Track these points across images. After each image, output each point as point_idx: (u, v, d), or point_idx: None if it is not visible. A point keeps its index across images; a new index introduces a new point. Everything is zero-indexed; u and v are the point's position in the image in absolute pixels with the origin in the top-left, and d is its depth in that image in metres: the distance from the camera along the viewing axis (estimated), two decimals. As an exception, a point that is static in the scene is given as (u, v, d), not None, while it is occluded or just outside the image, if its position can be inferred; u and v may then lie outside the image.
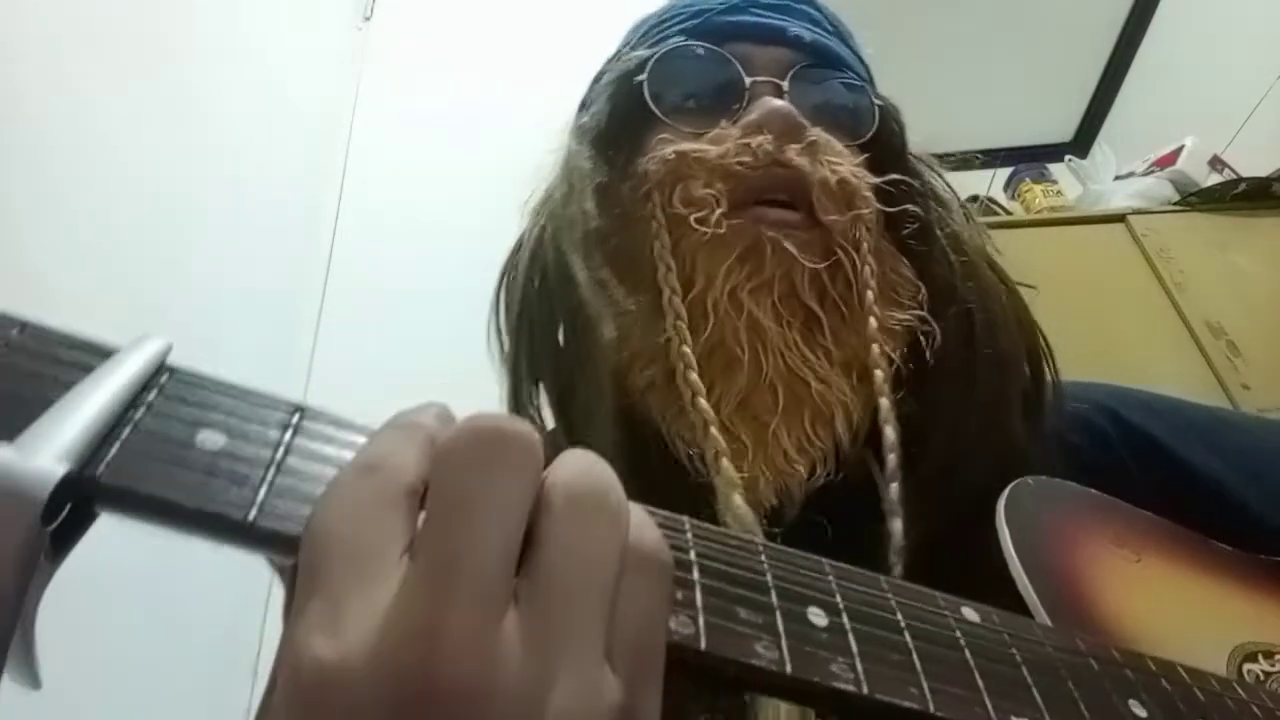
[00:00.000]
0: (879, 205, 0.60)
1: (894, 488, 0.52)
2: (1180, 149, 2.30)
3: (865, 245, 0.58)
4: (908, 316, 0.59)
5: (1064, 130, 3.12)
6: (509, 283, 0.67)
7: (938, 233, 0.62)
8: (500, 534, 0.24)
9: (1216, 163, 2.25)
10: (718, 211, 0.56)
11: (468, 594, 0.23)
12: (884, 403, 0.55)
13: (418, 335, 1.62)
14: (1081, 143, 3.08)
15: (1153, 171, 2.33)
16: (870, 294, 0.57)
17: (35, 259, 1.08)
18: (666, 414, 0.56)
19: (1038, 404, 0.61)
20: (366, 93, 1.99)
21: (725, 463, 0.51)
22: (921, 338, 0.58)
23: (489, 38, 2.05)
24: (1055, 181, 2.52)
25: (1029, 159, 2.63)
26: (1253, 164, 2.18)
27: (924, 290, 0.60)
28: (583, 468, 0.27)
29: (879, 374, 0.55)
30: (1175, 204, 2.20)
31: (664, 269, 0.57)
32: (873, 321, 0.56)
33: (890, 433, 0.54)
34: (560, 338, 0.60)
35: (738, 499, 0.50)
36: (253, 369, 1.42)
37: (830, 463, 0.56)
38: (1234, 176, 2.18)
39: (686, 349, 0.54)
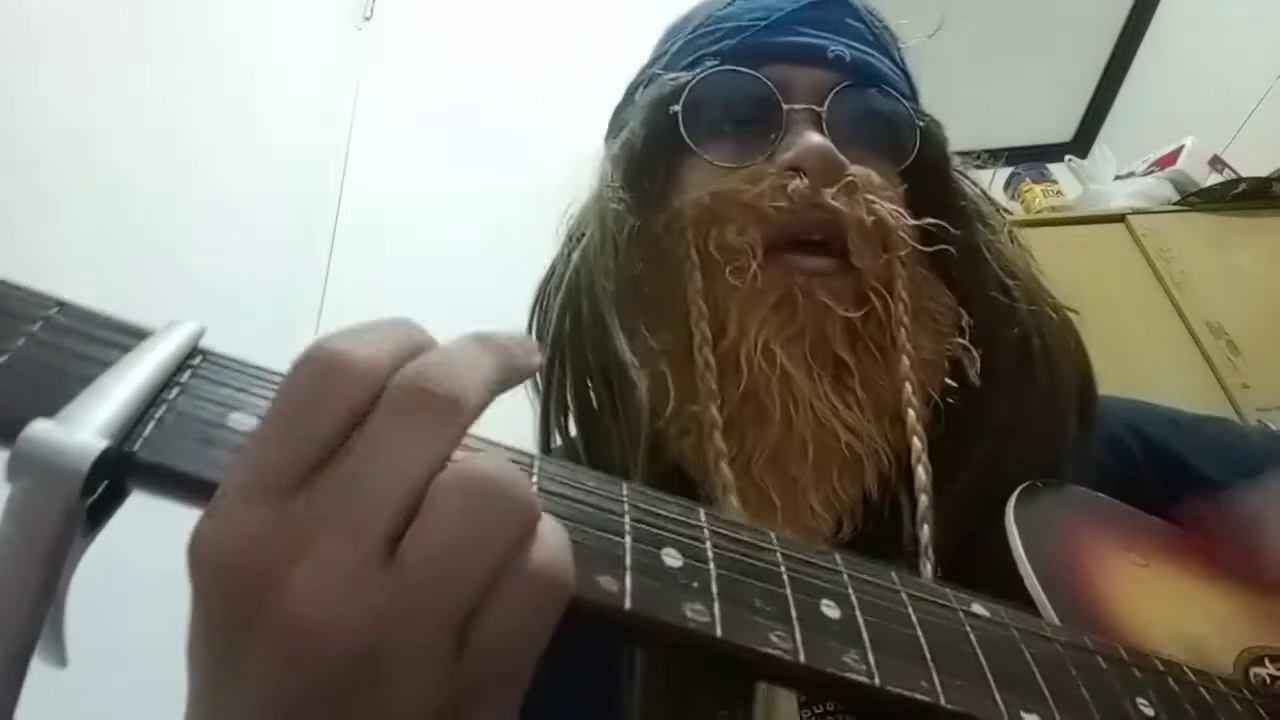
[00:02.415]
0: (915, 245, 0.59)
1: (926, 530, 0.52)
2: (1180, 149, 2.29)
3: (899, 284, 0.57)
4: (947, 345, 0.58)
5: (1064, 130, 3.11)
6: (541, 314, 0.67)
7: (986, 255, 0.61)
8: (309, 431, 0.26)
9: (1216, 163, 2.25)
10: (754, 264, 0.55)
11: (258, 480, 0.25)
12: (915, 443, 0.54)
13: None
14: (1081, 143, 3.07)
15: (1153, 171, 2.33)
16: (903, 332, 0.56)
17: (36, 257, 1.08)
18: (699, 467, 0.56)
19: (1083, 431, 0.60)
20: (366, 93, 1.99)
21: None
22: (966, 363, 0.58)
23: (489, 37, 2.05)
24: (1055, 181, 2.52)
25: (1029, 159, 2.62)
26: (1253, 164, 2.18)
27: (965, 316, 0.59)
28: (426, 373, 0.27)
29: (911, 414, 0.55)
30: (1175, 204, 2.20)
31: (696, 313, 0.57)
32: (905, 361, 0.56)
33: (921, 473, 0.53)
34: (591, 381, 0.59)
35: None
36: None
37: (858, 515, 0.55)
38: (1234, 176, 2.18)
39: (714, 407, 0.54)
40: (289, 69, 1.87)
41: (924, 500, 0.53)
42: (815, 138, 0.58)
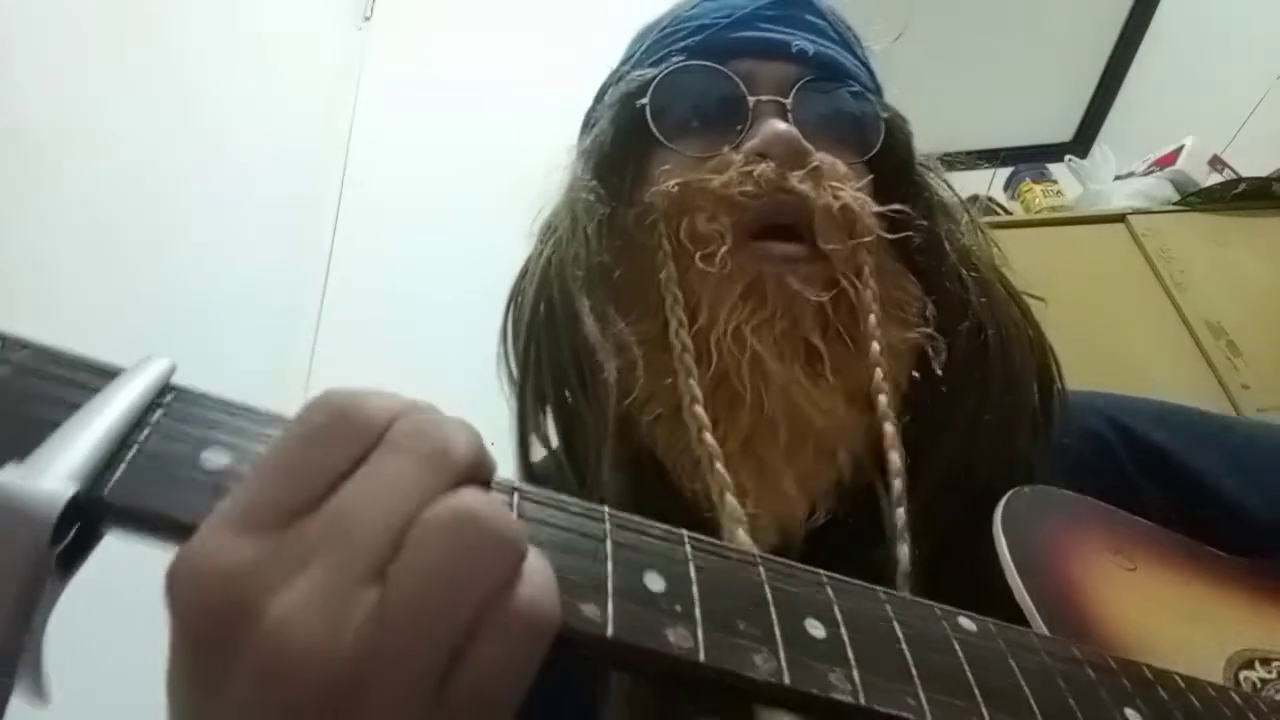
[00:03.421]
0: (881, 232, 0.60)
1: (900, 513, 0.52)
2: (1180, 149, 2.29)
3: (866, 270, 0.58)
4: (914, 335, 0.59)
5: (1064, 130, 3.11)
6: (516, 308, 0.67)
7: (947, 247, 0.61)
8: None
9: (1216, 163, 2.25)
10: (722, 249, 0.56)
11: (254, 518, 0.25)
12: (888, 428, 0.55)
13: (417, 336, 1.62)
14: (1081, 143, 3.07)
15: (1153, 171, 2.32)
16: (872, 319, 0.57)
17: (38, 256, 1.09)
18: (672, 448, 0.56)
19: (1045, 421, 0.60)
20: (366, 93, 1.99)
21: (730, 498, 0.51)
22: (930, 353, 0.58)
23: (489, 37, 2.05)
24: (1055, 181, 2.51)
25: (1029, 159, 2.62)
26: (1253, 164, 2.18)
27: (931, 306, 0.60)
28: (428, 422, 0.27)
29: (882, 399, 0.55)
30: (1175, 204, 2.19)
31: (671, 299, 0.57)
32: (875, 347, 0.56)
33: (895, 459, 0.54)
34: (566, 370, 0.60)
35: (742, 534, 0.49)
36: (253, 370, 1.43)
37: (832, 499, 0.55)
38: (1234, 176, 2.18)
39: (693, 382, 0.54)
40: (289, 69, 1.87)
41: (898, 485, 0.53)
42: (780, 124, 0.59)
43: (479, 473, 0.27)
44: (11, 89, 1.14)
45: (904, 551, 0.50)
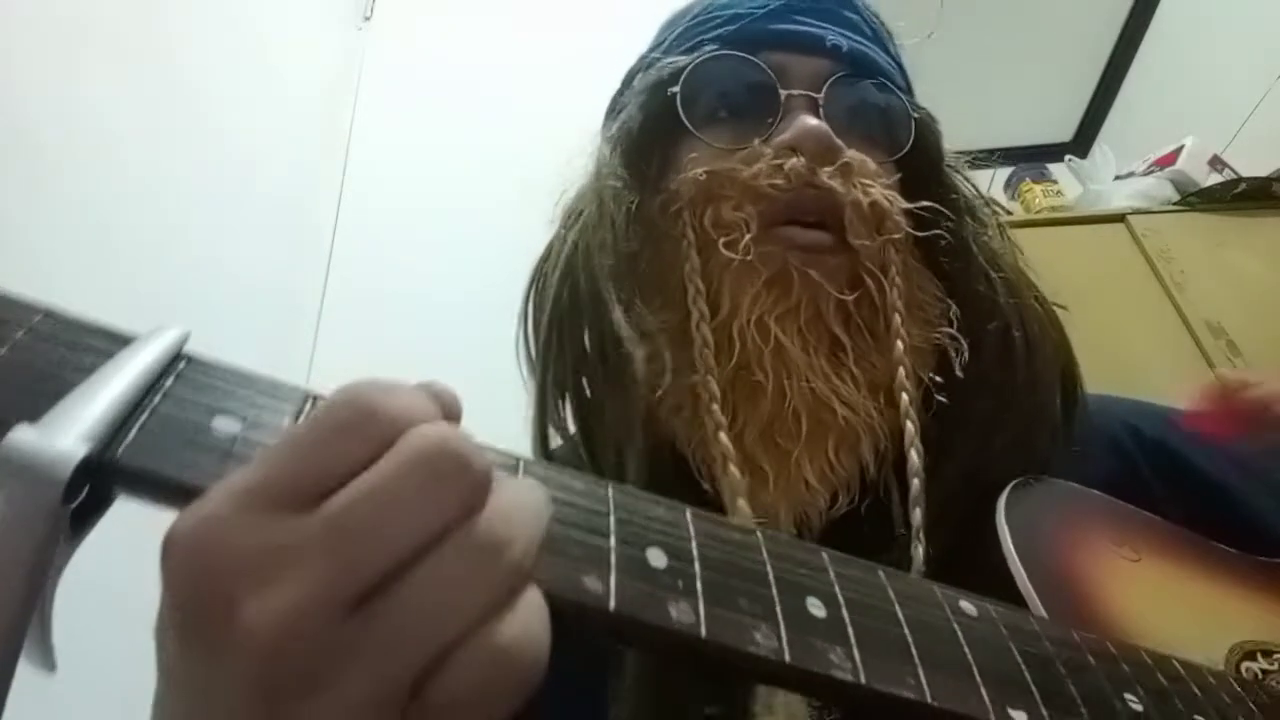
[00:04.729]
0: (910, 229, 0.60)
1: (918, 513, 0.52)
2: (1180, 149, 2.29)
3: (893, 268, 0.58)
4: (936, 335, 0.59)
5: (1064, 130, 3.11)
6: (538, 292, 0.67)
7: (973, 249, 0.61)
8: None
9: (1216, 163, 2.25)
10: (746, 237, 0.56)
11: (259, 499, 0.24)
12: (909, 426, 0.54)
13: (417, 336, 1.62)
14: (1081, 143, 3.07)
15: (1153, 171, 2.32)
16: (898, 317, 0.57)
17: (37, 255, 1.09)
18: (692, 441, 0.56)
19: (1066, 426, 0.60)
20: (366, 93, 1.99)
21: (741, 503, 0.51)
22: (951, 354, 0.58)
23: (489, 37, 2.05)
24: (1055, 181, 2.51)
25: (1029, 159, 2.61)
26: (1253, 164, 2.17)
27: (954, 307, 0.60)
28: (442, 444, 0.25)
29: (905, 397, 0.55)
30: (1175, 204, 2.19)
31: (693, 290, 0.57)
32: (899, 345, 0.56)
33: (915, 457, 0.54)
34: (589, 358, 0.60)
35: None
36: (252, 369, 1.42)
37: (854, 489, 0.55)
38: (1234, 176, 2.17)
39: (712, 380, 0.54)
40: (289, 69, 1.87)
41: (916, 484, 0.53)
42: (812, 120, 0.58)
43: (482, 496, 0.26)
44: (12, 89, 1.14)
45: (919, 552, 0.50)
